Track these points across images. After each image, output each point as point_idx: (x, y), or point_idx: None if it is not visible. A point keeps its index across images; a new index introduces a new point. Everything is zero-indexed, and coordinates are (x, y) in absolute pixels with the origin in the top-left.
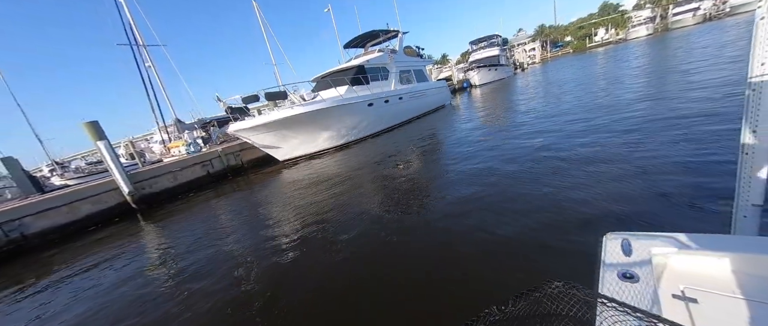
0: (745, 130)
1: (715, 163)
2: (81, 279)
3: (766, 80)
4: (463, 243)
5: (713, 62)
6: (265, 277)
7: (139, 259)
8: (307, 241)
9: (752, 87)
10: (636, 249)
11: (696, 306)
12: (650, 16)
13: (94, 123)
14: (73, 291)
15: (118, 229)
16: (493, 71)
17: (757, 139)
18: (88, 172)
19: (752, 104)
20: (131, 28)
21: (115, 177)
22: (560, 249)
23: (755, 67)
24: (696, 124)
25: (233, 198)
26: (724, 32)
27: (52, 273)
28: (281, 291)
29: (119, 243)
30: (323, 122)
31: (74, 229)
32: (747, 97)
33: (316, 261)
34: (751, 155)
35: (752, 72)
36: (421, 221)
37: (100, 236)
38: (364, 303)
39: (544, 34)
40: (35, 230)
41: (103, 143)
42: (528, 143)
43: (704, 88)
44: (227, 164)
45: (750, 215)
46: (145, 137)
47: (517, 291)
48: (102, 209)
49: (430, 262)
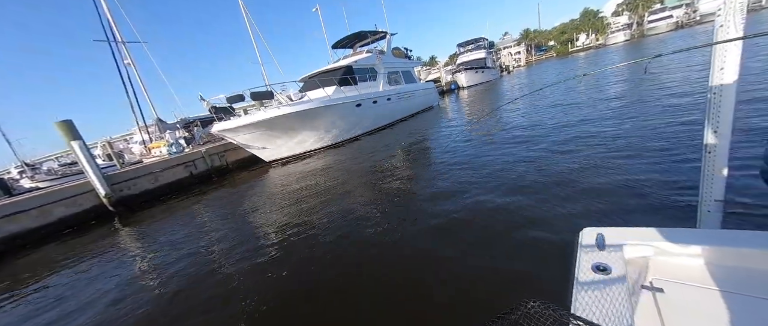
0: (708, 130)
1: (683, 160)
2: (50, 288)
3: (725, 84)
4: (448, 241)
5: (686, 65)
6: (249, 282)
7: (114, 265)
8: (293, 244)
9: (713, 91)
10: (609, 243)
11: (662, 295)
12: (627, 22)
13: (67, 122)
14: (39, 301)
15: (93, 233)
16: (480, 74)
17: (718, 139)
18: (62, 174)
19: (713, 107)
20: (109, 24)
21: (90, 179)
22: (540, 243)
23: (715, 72)
24: (666, 124)
25: (217, 200)
26: (694, 39)
27: (19, 280)
28: (266, 295)
29: (94, 248)
30: (311, 122)
31: (46, 233)
32: (709, 100)
33: (303, 264)
34: (713, 153)
35: (713, 77)
36: (409, 222)
37: (74, 241)
38: (349, 305)
39: (528, 38)
40: (3, 235)
41: (78, 143)
42: (513, 143)
43: (674, 91)
44: (211, 165)
45: (713, 210)
46: (123, 138)
47: (494, 315)
48: (76, 213)
49: (418, 261)
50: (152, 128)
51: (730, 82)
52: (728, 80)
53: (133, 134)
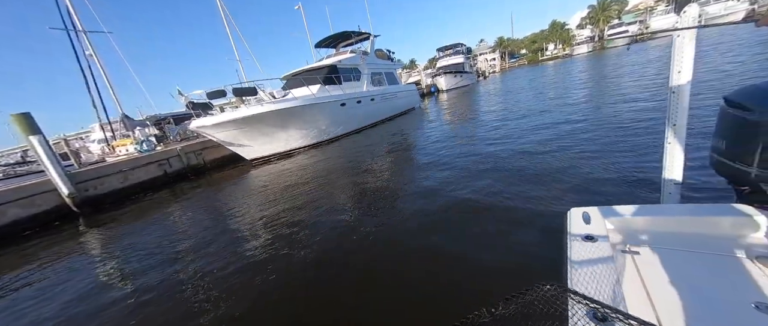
0: (668, 124)
1: (648, 151)
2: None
3: (682, 84)
4: (435, 234)
5: (640, 73)
6: (225, 287)
7: (76, 272)
8: (273, 244)
9: (672, 90)
10: (594, 219)
11: (638, 256)
12: (590, 35)
13: (25, 115)
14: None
15: (55, 236)
16: (459, 78)
17: (677, 131)
18: (5, 175)
19: (672, 104)
20: (68, 11)
21: (51, 177)
22: (532, 223)
23: (674, 73)
24: (632, 120)
25: (194, 200)
26: (646, 52)
27: None
28: (243, 302)
29: (54, 253)
30: (295, 120)
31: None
32: (669, 98)
33: (283, 264)
34: (673, 144)
35: (672, 78)
36: (394, 219)
37: (30, 245)
38: (333, 305)
39: (503, 45)
40: None
41: (37, 137)
42: (494, 139)
43: (634, 93)
44: (188, 164)
45: (673, 191)
46: (79, 136)
47: (508, 294)
48: (35, 213)
49: (405, 259)
50: (117, 125)
51: (686, 82)
52: (684, 81)
53: (91, 132)
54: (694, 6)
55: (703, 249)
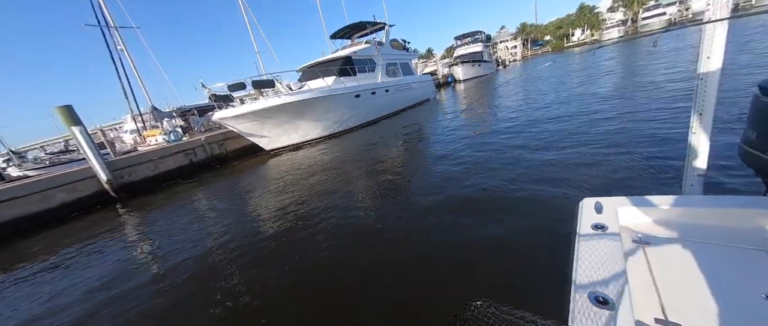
0: (694, 113)
1: (669, 141)
2: (53, 272)
3: (710, 71)
4: (445, 226)
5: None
6: (250, 267)
7: (116, 250)
8: (293, 230)
9: (700, 77)
10: (606, 209)
11: (649, 247)
12: (622, 19)
13: (68, 107)
14: (41, 285)
15: (95, 218)
16: (477, 67)
17: (703, 120)
18: (50, 162)
19: (700, 92)
20: (101, 8)
21: (92, 164)
22: (545, 210)
23: (703, 61)
24: (657, 109)
25: (218, 187)
26: (686, 36)
27: (21, 264)
28: (266, 280)
29: (96, 233)
30: (311, 112)
31: (48, 218)
32: (696, 86)
33: (302, 249)
34: (698, 133)
35: (700, 65)
36: (407, 209)
37: (76, 226)
38: (348, 291)
39: (525, 32)
40: (5, 219)
41: (79, 128)
42: (510, 131)
43: (662, 81)
44: (211, 153)
45: (696, 183)
46: (113, 127)
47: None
48: (78, 198)
49: (417, 248)
50: (147, 116)
51: (715, 69)
52: (713, 68)
53: (124, 124)
54: None
55: (719, 240)
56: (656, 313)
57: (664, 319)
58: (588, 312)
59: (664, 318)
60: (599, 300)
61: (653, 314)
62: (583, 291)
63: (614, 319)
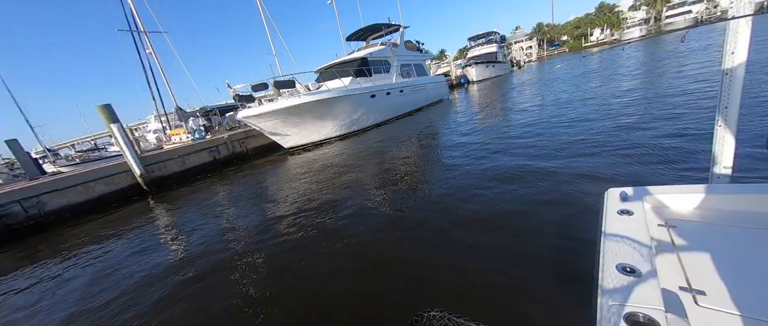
0: (720, 107)
1: (696, 135)
2: (97, 257)
3: (735, 66)
4: (461, 224)
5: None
6: (272, 260)
7: (151, 238)
8: (312, 224)
9: (725, 72)
10: (631, 197)
11: (674, 229)
12: (644, 17)
13: (107, 106)
14: (88, 268)
15: (130, 209)
16: (491, 68)
17: (728, 114)
18: (82, 159)
19: (725, 86)
20: (132, 14)
21: (127, 159)
22: (572, 201)
23: (727, 56)
24: (684, 103)
25: (240, 183)
26: (714, 33)
27: (69, 249)
28: (286, 271)
29: (133, 223)
30: (329, 111)
31: (88, 208)
32: (721, 80)
33: (321, 244)
34: (723, 127)
35: (725, 59)
36: (424, 209)
37: (113, 216)
38: (364, 289)
39: (541, 32)
40: (53, 207)
41: (117, 125)
42: (524, 133)
43: (688, 79)
44: (233, 151)
45: (722, 175)
46: (136, 126)
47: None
48: (115, 190)
49: (434, 247)
50: (171, 116)
51: (739, 64)
52: (738, 63)
53: (148, 123)
54: None
55: (744, 224)
56: (681, 283)
57: (689, 287)
58: (616, 279)
59: (688, 286)
60: (626, 270)
61: (678, 283)
62: (611, 262)
63: (640, 285)
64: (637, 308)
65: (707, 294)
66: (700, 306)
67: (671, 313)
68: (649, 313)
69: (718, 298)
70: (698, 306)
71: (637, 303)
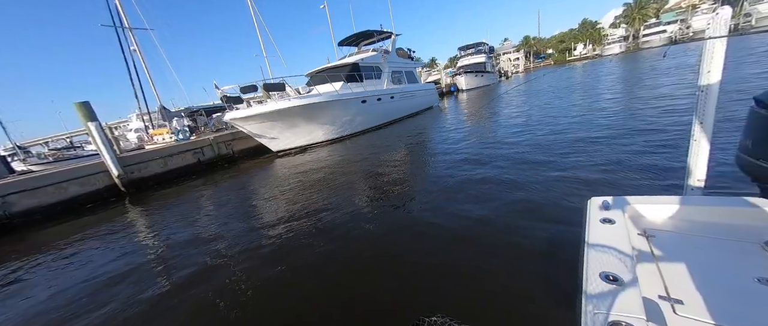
0: (695, 122)
1: (677, 147)
2: (64, 262)
3: (711, 84)
4: (448, 229)
5: (677, 74)
6: (248, 266)
7: (124, 243)
8: (296, 230)
9: (701, 89)
10: (613, 206)
11: (653, 238)
12: (624, 35)
13: (85, 103)
14: (54, 274)
15: (106, 212)
16: (480, 77)
17: (703, 130)
18: (56, 158)
19: (700, 102)
20: (117, 9)
21: (104, 159)
22: (551, 211)
23: (704, 73)
24: (660, 121)
25: (224, 186)
26: (686, 54)
27: (36, 253)
28: (267, 276)
29: (107, 226)
30: (319, 115)
31: (60, 210)
32: (697, 97)
33: (303, 251)
34: (699, 140)
35: (701, 77)
36: (408, 214)
37: (87, 218)
38: (352, 294)
39: (528, 44)
40: (21, 208)
41: (94, 124)
42: (511, 140)
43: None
44: (218, 153)
45: (696, 187)
46: (116, 125)
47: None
48: (90, 191)
49: (420, 251)
50: (154, 116)
51: (715, 82)
52: (714, 81)
53: (129, 122)
54: (727, 9)
55: (717, 235)
56: (660, 291)
57: (667, 296)
58: (599, 287)
59: (667, 295)
60: (609, 278)
61: (657, 292)
62: (594, 271)
63: (623, 294)
64: (621, 317)
65: (685, 303)
66: (679, 315)
67: (652, 322)
68: (632, 322)
69: (695, 307)
70: (677, 315)
71: (620, 312)
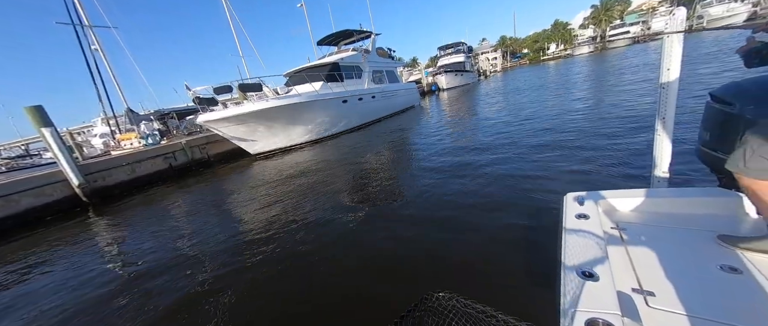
0: (658, 118)
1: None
2: (15, 282)
3: (671, 81)
4: (433, 227)
5: (640, 71)
6: (224, 278)
7: (86, 258)
8: (275, 238)
9: (662, 86)
10: (587, 201)
11: (625, 231)
12: (592, 35)
13: (38, 108)
14: (6, 294)
15: (65, 225)
16: (460, 77)
17: (666, 124)
18: (8, 167)
19: (662, 99)
20: (74, 6)
21: (63, 167)
22: (531, 205)
23: (664, 71)
24: (625, 119)
25: (199, 193)
26: (646, 53)
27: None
28: (243, 291)
29: (65, 240)
30: (299, 116)
31: (11, 224)
32: (659, 94)
33: (285, 259)
34: (662, 135)
35: (662, 75)
36: (393, 214)
37: (43, 232)
38: (330, 298)
39: (505, 44)
40: None
41: (49, 130)
42: (491, 136)
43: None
44: (192, 157)
45: (661, 179)
46: (80, 130)
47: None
48: (47, 203)
49: (398, 251)
50: (121, 119)
51: (674, 79)
52: (673, 78)
53: (93, 127)
54: (682, 9)
55: (681, 224)
56: (633, 284)
57: (640, 288)
58: (575, 283)
59: (640, 288)
60: (585, 274)
61: (630, 285)
62: (571, 268)
63: (598, 288)
64: (598, 314)
65: (656, 294)
66: (651, 307)
67: (627, 317)
68: (608, 319)
69: (666, 298)
70: (649, 307)
71: (596, 309)
